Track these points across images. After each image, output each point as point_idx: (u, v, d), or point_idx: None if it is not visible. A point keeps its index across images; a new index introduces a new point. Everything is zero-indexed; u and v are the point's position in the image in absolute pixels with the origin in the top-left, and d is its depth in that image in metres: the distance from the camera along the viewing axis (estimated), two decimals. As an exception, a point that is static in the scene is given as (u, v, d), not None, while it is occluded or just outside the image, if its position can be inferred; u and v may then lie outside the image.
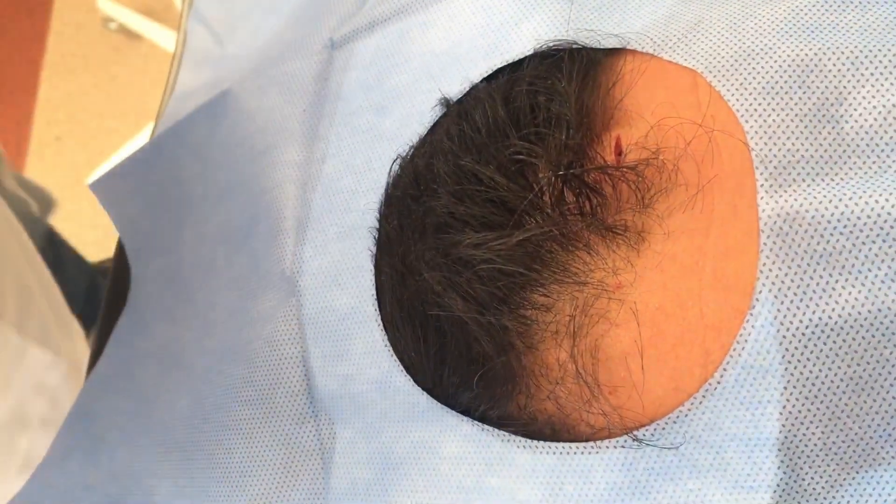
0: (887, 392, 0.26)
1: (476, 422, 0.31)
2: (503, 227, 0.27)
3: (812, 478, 0.26)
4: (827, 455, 0.26)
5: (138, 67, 1.52)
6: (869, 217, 0.25)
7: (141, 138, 1.40)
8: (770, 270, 0.25)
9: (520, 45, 0.32)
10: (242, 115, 0.43)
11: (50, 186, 1.45)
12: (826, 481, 0.26)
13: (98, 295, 1.19)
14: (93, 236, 1.32)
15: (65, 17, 1.57)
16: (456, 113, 0.32)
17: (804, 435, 0.26)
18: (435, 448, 0.32)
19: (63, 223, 1.36)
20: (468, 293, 0.28)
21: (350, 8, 0.42)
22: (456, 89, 0.33)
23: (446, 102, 0.33)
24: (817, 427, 0.26)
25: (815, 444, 0.26)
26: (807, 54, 0.27)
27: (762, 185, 0.26)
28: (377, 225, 0.34)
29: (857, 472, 0.26)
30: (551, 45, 0.31)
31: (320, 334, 0.35)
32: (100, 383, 0.48)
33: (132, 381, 0.47)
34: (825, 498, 0.26)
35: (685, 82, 0.28)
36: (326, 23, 0.42)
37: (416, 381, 0.32)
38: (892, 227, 0.25)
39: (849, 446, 0.26)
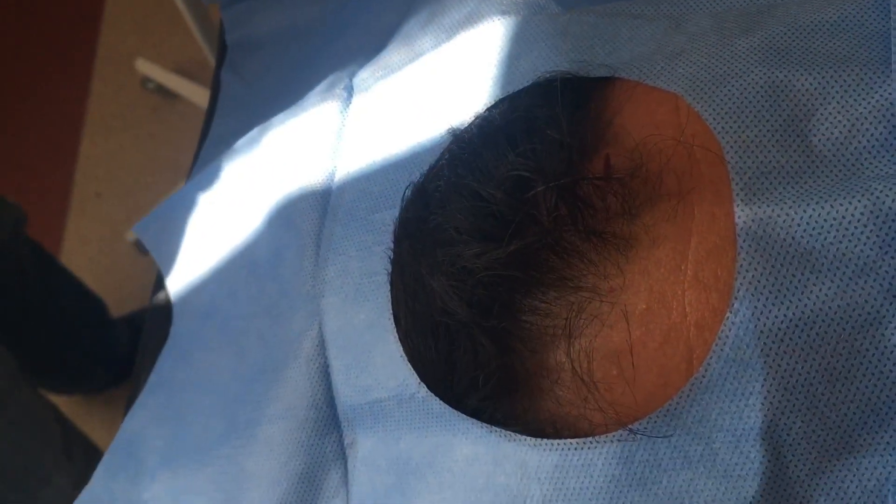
0: (860, 382, 0.28)
1: (485, 424, 0.33)
2: (503, 238, 0.30)
3: (795, 465, 0.28)
4: (808, 444, 0.28)
5: (175, 125, 1.57)
6: (835, 219, 0.27)
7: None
8: (747, 271, 0.28)
9: (519, 78, 0.36)
10: (269, 151, 0.47)
11: (90, 241, 1.51)
12: (808, 469, 0.28)
13: (128, 338, 1.23)
14: (129, 289, 1.37)
15: (105, 78, 1.64)
16: (461, 139, 0.35)
17: (785, 425, 0.28)
18: (449, 451, 0.34)
19: (102, 276, 1.41)
20: (472, 299, 0.31)
21: (368, 56, 0.46)
22: (463, 120, 0.36)
23: (453, 131, 0.36)
24: (797, 417, 0.28)
25: (797, 434, 0.28)
26: (777, 77, 0.30)
27: (737, 195, 0.28)
28: (392, 246, 0.37)
29: (838, 460, 0.28)
30: (548, 75, 0.34)
31: (342, 348, 0.38)
32: (142, 411, 0.51)
33: (172, 409, 0.49)
34: (808, 484, 0.28)
35: (667, 104, 0.31)
36: (346, 69, 0.46)
37: (429, 388, 0.35)
38: (856, 227, 0.27)
39: (828, 435, 0.28)
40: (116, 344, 1.23)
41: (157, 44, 1.62)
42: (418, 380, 0.35)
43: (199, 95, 1.48)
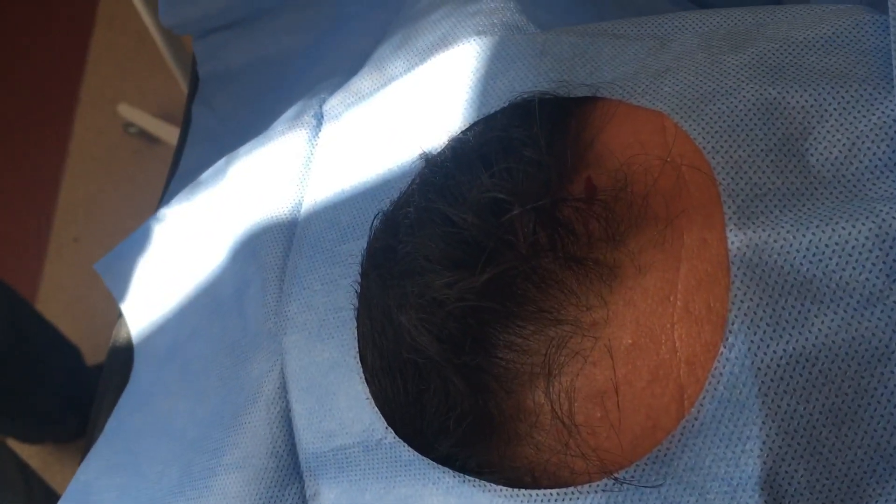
0: (868, 424, 0.25)
1: (457, 473, 0.30)
2: (476, 266, 0.28)
3: None
4: (812, 493, 0.25)
5: (156, 169, 1.55)
6: (837, 244, 0.25)
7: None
8: (742, 302, 0.25)
9: (495, 99, 0.33)
10: (234, 182, 0.44)
11: (67, 286, 1.47)
12: None
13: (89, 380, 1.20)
14: (105, 336, 1.33)
15: (87, 122, 1.62)
16: (432, 162, 0.32)
17: (787, 473, 0.25)
18: (418, 503, 0.31)
19: (77, 322, 1.37)
20: (443, 334, 0.28)
21: (339, 82, 0.44)
22: (436, 144, 0.34)
23: (426, 156, 0.34)
24: (799, 464, 0.25)
25: (799, 483, 0.25)
26: (770, 94, 0.28)
27: (730, 218, 0.26)
28: (359, 279, 0.34)
29: None
30: (525, 95, 0.32)
31: (304, 390, 0.35)
32: (96, 461, 0.48)
33: (127, 457, 0.46)
34: None
35: (653, 123, 0.29)
36: (316, 96, 0.44)
37: (397, 433, 0.32)
38: (860, 253, 0.25)
39: (833, 483, 0.25)
40: (90, 392, 1.19)
41: (139, 86, 1.61)
42: (385, 424, 0.32)
43: (180, 139, 1.47)
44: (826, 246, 0.25)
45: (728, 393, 0.25)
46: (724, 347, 0.25)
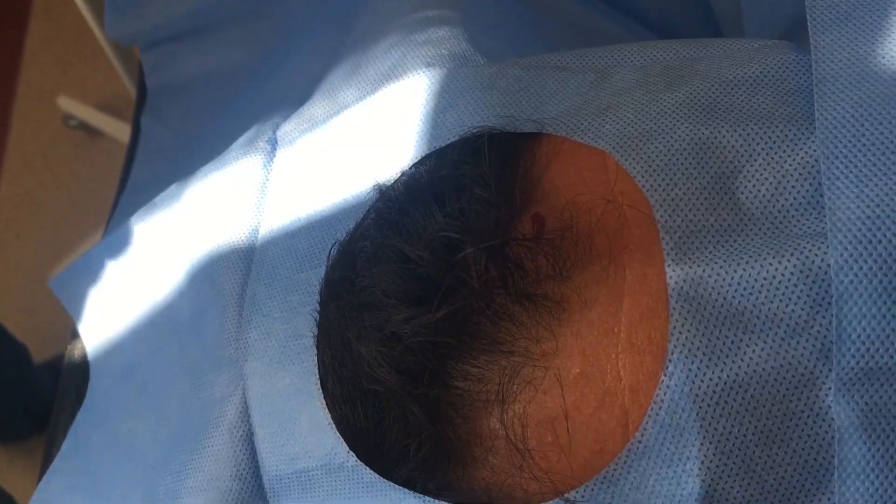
0: (796, 444, 0.27)
1: (418, 494, 0.31)
2: (432, 302, 0.29)
3: None
4: None
5: (99, 163, 1.53)
6: (765, 279, 0.27)
7: (101, 234, 1.40)
8: (680, 333, 0.27)
9: (445, 132, 0.35)
10: (190, 206, 0.45)
11: (10, 284, 1.45)
12: None
13: (44, 393, 1.18)
14: (52, 333, 1.32)
15: (25, 115, 1.59)
16: (386, 197, 0.34)
17: (724, 490, 0.27)
18: None
19: (22, 320, 1.35)
20: (402, 366, 0.30)
21: (293, 105, 0.45)
22: (389, 176, 0.35)
23: (379, 188, 0.35)
24: (735, 481, 0.27)
25: (735, 499, 0.27)
26: (703, 133, 0.30)
27: (668, 254, 0.28)
28: (318, 308, 0.35)
29: None
30: (474, 130, 0.33)
31: (266, 415, 0.36)
32: (56, 478, 0.48)
33: (87, 476, 0.47)
34: None
35: (595, 161, 0.30)
36: (270, 119, 0.45)
37: (359, 456, 0.33)
38: (786, 287, 0.27)
39: (766, 499, 0.28)
40: (38, 391, 1.18)
41: (79, 79, 1.58)
42: (347, 448, 0.33)
43: (123, 132, 1.44)
44: (755, 280, 0.27)
45: (669, 418, 0.27)
46: (665, 376, 0.27)
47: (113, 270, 0.50)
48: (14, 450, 1.31)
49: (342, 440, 0.33)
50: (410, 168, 0.35)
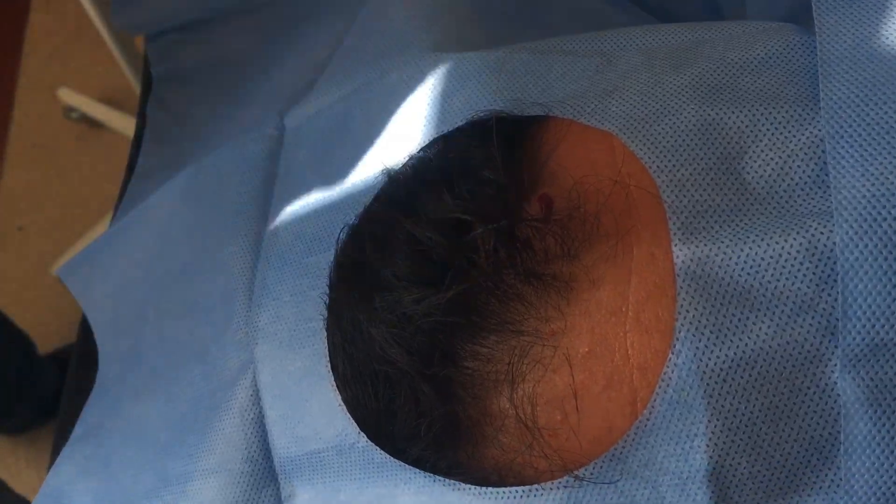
0: (802, 420, 0.28)
1: (428, 473, 0.32)
2: (442, 283, 0.29)
3: None
4: (754, 484, 0.28)
5: (101, 155, 1.53)
6: (772, 257, 0.27)
7: (104, 225, 1.40)
8: (687, 312, 0.27)
9: (453, 116, 0.35)
10: (200, 193, 0.45)
11: (14, 276, 1.45)
12: None
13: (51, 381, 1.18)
14: (55, 324, 1.32)
15: (26, 107, 1.59)
16: (396, 180, 0.34)
17: (731, 465, 0.28)
18: (391, 502, 0.33)
19: (27, 312, 1.35)
20: (413, 347, 0.30)
21: (299, 92, 0.45)
22: (397, 160, 0.36)
23: (388, 172, 0.35)
24: (741, 457, 0.28)
25: (742, 474, 0.28)
26: (709, 114, 0.30)
27: (675, 234, 0.28)
28: (328, 290, 0.36)
29: (783, 499, 0.28)
30: (482, 114, 0.33)
31: (277, 398, 0.37)
32: (68, 464, 0.49)
33: (99, 460, 0.47)
34: None
35: (602, 143, 0.31)
36: (276, 106, 0.45)
37: (369, 437, 0.33)
38: (792, 265, 0.27)
39: (772, 474, 0.28)
40: (43, 381, 1.18)
41: (80, 71, 1.58)
42: (358, 429, 0.34)
43: (124, 124, 1.44)
44: (762, 259, 0.27)
45: (677, 395, 0.28)
46: (673, 354, 0.27)
47: (121, 257, 0.50)
48: (18, 440, 1.31)
49: (353, 421, 0.34)
50: (419, 151, 0.35)
